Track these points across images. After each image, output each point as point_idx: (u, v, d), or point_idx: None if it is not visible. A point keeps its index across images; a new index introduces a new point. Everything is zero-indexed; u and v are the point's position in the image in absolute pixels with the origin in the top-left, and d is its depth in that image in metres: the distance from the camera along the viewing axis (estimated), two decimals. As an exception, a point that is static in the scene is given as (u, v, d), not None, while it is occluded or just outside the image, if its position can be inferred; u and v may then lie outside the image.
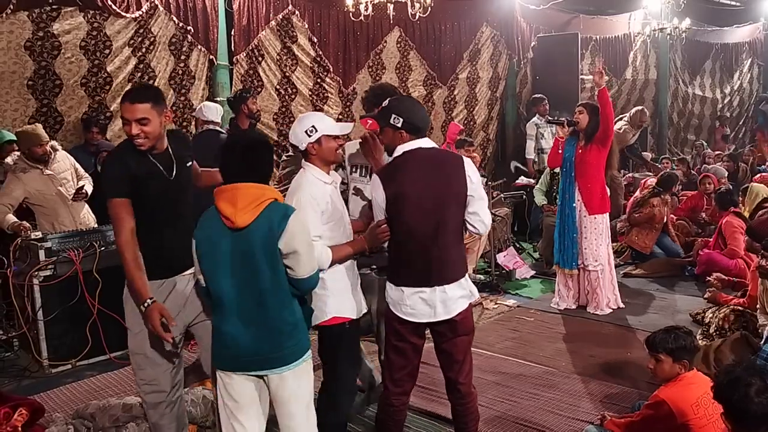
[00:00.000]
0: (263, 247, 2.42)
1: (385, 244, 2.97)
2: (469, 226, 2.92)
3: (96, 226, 5.03)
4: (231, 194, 2.43)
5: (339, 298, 2.91)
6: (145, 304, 2.66)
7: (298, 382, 2.58)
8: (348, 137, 3.52)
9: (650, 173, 8.91)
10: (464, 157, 2.94)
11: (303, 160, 2.93)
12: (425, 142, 2.86)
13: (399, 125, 2.80)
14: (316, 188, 2.84)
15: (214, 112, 4.95)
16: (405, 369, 2.94)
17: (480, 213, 2.88)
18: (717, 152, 10.65)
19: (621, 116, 9.45)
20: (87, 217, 5.13)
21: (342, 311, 2.92)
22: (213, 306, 2.59)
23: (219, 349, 2.57)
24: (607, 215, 5.48)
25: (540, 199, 7.07)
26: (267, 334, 2.49)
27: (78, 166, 5.13)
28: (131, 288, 2.74)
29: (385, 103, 2.91)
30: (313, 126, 2.81)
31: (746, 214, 6.12)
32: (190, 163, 3.00)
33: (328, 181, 2.90)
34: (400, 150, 2.83)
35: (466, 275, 2.97)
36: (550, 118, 7.10)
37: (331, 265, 2.84)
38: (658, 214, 6.70)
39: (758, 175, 8.13)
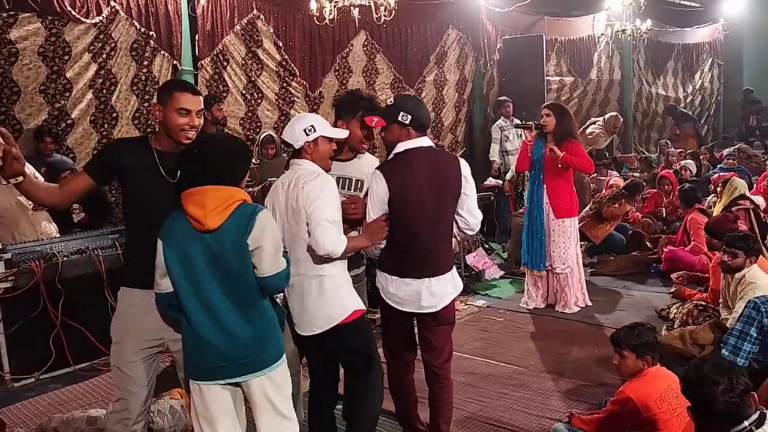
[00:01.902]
0: (234, 248, 2.38)
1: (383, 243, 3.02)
2: (461, 223, 3.12)
3: (58, 236, 4.92)
4: (200, 197, 2.38)
5: (352, 291, 2.94)
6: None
7: (276, 387, 2.54)
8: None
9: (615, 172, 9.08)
10: (459, 158, 3.14)
11: (294, 158, 2.91)
12: (426, 141, 3.02)
13: (407, 122, 2.95)
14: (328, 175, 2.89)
15: None
16: (400, 344, 3.16)
17: (473, 211, 3.11)
18: (679, 150, 10.86)
19: (594, 120, 9.60)
20: (48, 227, 5.01)
21: (359, 303, 2.93)
22: (183, 314, 2.48)
23: (191, 359, 2.49)
24: (575, 219, 5.52)
25: (509, 175, 7.43)
26: (241, 338, 2.43)
27: (38, 175, 5.01)
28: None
29: (391, 101, 3.06)
30: (312, 125, 2.83)
31: (721, 207, 6.22)
32: None
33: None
34: (402, 147, 2.97)
35: (454, 268, 3.14)
36: (517, 121, 7.18)
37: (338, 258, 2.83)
38: (626, 214, 6.90)
39: (716, 175, 8.30)
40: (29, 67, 5.58)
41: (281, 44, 7.37)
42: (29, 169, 4.95)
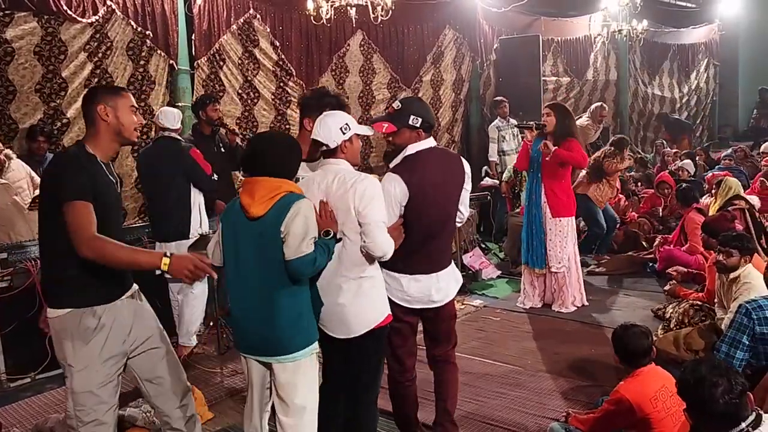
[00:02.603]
0: (272, 236, 2.54)
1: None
2: (456, 217, 3.21)
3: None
4: (251, 186, 2.59)
5: (386, 294, 2.93)
6: (167, 256, 2.45)
7: (299, 376, 2.62)
8: None
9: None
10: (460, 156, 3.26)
11: (328, 158, 2.84)
12: (433, 141, 3.11)
13: (418, 125, 3.01)
14: None
15: (171, 118, 4.71)
16: (403, 347, 3.14)
17: (467, 204, 3.26)
18: (675, 150, 10.88)
19: (580, 115, 9.62)
20: (44, 226, 4.99)
21: (388, 308, 2.92)
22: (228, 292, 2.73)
23: (235, 330, 2.81)
24: (572, 218, 5.53)
25: (506, 175, 7.48)
26: (271, 321, 2.58)
27: (34, 174, 5.01)
28: (139, 262, 2.49)
29: (398, 105, 3.08)
30: (346, 123, 2.81)
31: (716, 207, 6.24)
32: None
33: None
34: (413, 148, 3.04)
35: (453, 263, 3.24)
36: (518, 122, 7.20)
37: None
38: (621, 167, 7.01)
39: (710, 174, 8.32)
40: (25, 66, 5.55)
41: (278, 44, 7.36)
42: (26, 169, 5.01)
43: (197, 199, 4.63)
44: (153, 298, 4.68)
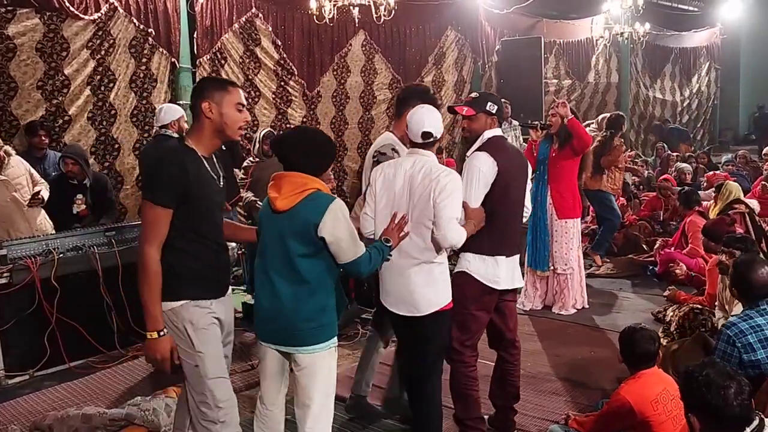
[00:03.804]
0: (297, 233, 2.58)
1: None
2: None
3: (54, 232, 4.90)
4: (279, 181, 2.63)
5: (450, 282, 3.03)
6: (162, 333, 2.46)
7: (317, 367, 2.65)
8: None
9: None
10: None
11: (419, 148, 2.99)
12: (501, 131, 3.31)
13: (494, 111, 3.22)
14: None
15: (164, 115, 4.63)
16: (479, 333, 3.30)
17: (529, 198, 3.47)
18: (676, 153, 10.87)
19: (589, 122, 9.60)
20: (44, 223, 4.99)
21: (450, 295, 3.02)
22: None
23: (255, 317, 2.78)
24: (578, 220, 5.52)
25: None
26: (289, 312, 2.62)
27: (33, 171, 5.00)
28: (149, 309, 2.44)
29: (476, 94, 3.31)
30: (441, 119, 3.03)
31: (716, 211, 6.23)
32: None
33: None
34: (490, 134, 3.23)
35: None
36: (516, 123, 7.15)
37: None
38: (620, 146, 6.87)
39: (711, 173, 8.31)
40: (27, 63, 5.56)
41: (280, 43, 7.36)
42: (25, 165, 4.99)
43: None
44: None
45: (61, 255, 4.47)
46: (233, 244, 4.57)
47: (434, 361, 3.08)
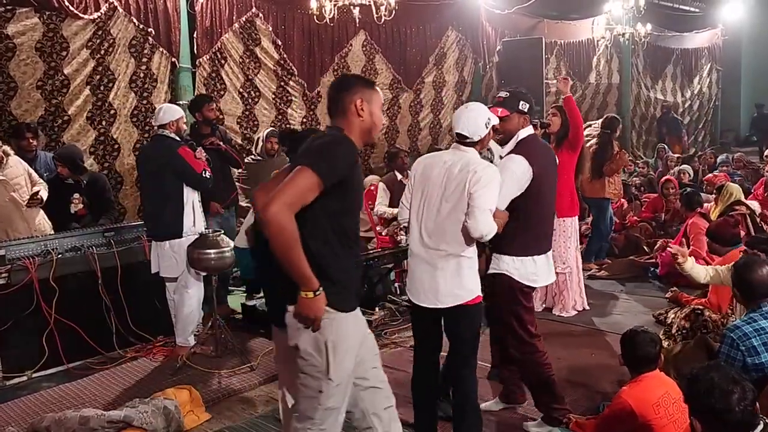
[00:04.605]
0: None
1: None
2: None
3: (52, 233, 4.88)
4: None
5: (478, 276, 3.05)
6: (318, 291, 2.25)
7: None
8: None
9: None
10: None
11: (460, 144, 3.01)
12: (533, 129, 3.36)
13: (526, 110, 3.26)
14: None
15: (164, 115, 4.57)
16: (534, 321, 3.38)
17: None
18: (678, 156, 10.85)
19: (590, 123, 9.57)
20: (42, 223, 4.97)
21: (480, 290, 3.05)
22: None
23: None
24: (576, 219, 5.52)
25: None
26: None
27: (32, 171, 4.97)
28: (301, 270, 2.22)
29: (506, 93, 3.32)
30: (489, 118, 3.02)
31: (717, 213, 6.20)
32: None
33: None
34: (524, 134, 3.27)
35: None
36: None
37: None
38: (623, 154, 6.87)
39: (711, 174, 8.29)
40: (26, 62, 5.54)
41: (280, 43, 7.34)
42: (23, 165, 4.96)
43: (191, 197, 4.54)
44: (153, 298, 4.75)
45: (60, 255, 4.46)
46: (233, 245, 4.54)
47: (467, 357, 3.08)
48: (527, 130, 3.28)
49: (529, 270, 3.26)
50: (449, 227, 2.92)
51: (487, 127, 3.00)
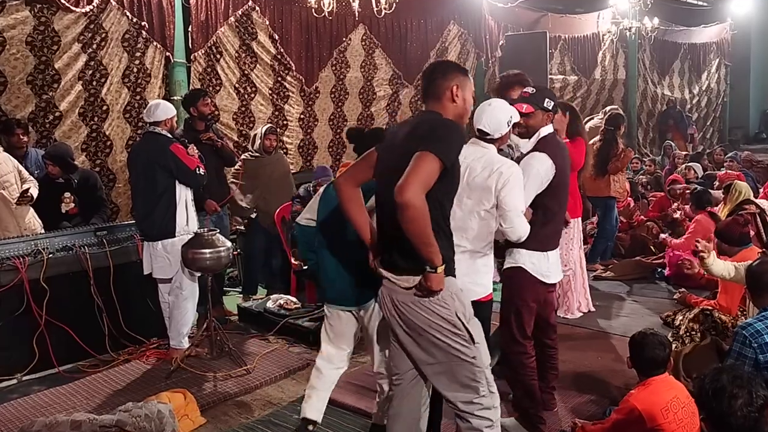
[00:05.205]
0: None
1: None
2: None
3: (43, 231, 4.80)
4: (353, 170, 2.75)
5: (491, 273, 3.12)
6: (443, 266, 2.40)
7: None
8: None
9: None
10: None
11: (480, 141, 3.03)
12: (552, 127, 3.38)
13: (551, 108, 3.30)
14: None
15: (159, 112, 4.46)
16: (532, 323, 3.39)
17: None
18: (685, 153, 10.71)
19: (592, 116, 9.45)
20: (33, 222, 4.88)
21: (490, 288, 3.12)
22: None
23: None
24: (579, 220, 5.43)
25: None
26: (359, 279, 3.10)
27: (22, 168, 4.88)
28: (429, 249, 2.35)
29: (531, 90, 3.34)
30: (511, 116, 3.04)
31: (726, 212, 6.08)
32: None
33: None
34: (546, 131, 3.31)
35: None
36: None
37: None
38: (628, 152, 6.75)
39: (723, 172, 8.16)
40: (16, 56, 5.44)
41: (277, 37, 7.22)
42: (13, 162, 4.86)
43: (183, 195, 4.46)
44: (146, 299, 4.68)
45: (51, 255, 4.40)
46: (228, 244, 4.44)
47: None
48: (549, 128, 3.33)
49: (543, 265, 3.31)
50: (470, 224, 2.95)
51: (508, 125, 3.02)
